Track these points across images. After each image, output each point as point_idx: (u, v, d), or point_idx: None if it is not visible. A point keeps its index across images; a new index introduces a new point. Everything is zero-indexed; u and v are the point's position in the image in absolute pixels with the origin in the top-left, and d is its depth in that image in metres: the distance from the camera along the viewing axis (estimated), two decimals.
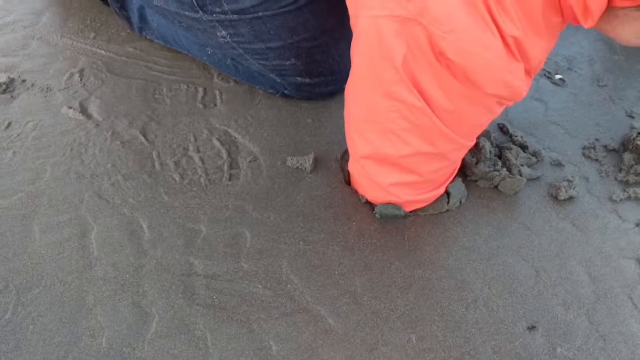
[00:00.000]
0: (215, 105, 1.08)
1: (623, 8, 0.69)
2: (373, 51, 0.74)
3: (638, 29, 0.70)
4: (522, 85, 0.74)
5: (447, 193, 0.95)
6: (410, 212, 0.94)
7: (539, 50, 0.72)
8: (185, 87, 1.10)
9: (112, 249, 0.88)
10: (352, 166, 0.94)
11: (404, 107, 0.76)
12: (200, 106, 1.08)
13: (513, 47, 0.70)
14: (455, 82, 0.73)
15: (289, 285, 0.86)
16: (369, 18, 0.72)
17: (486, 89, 0.73)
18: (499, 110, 0.80)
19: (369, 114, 0.81)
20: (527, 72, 0.75)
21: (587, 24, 0.69)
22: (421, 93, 0.75)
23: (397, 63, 0.72)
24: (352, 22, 0.78)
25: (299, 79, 1.03)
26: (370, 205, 0.95)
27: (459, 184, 0.96)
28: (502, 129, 1.06)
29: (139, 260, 0.87)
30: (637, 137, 1.04)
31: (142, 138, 1.02)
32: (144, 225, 0.91)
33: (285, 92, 1.07)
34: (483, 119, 0.81)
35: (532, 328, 0.83)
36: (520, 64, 0.72)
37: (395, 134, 0.80)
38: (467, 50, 0.68)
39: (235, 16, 0.93)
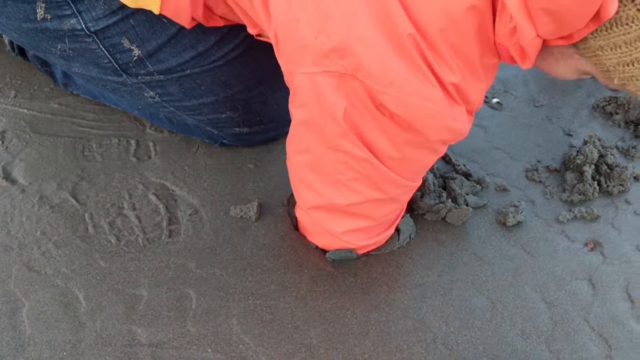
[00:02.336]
0: (149, 157, 1.03)
1: (557, 46, 0.69)
2: (312, 107, 0.72)
3: (572, 65, 0.72)
4: (464, 126, 0.74)
5: (397, 230, 0.93)
6: (363, 254, 0.92)
7: (479, 91, 0.73)
8: (117, 140, 1.05)
9: (47, 326, 0.82)
10: (300, 216, 0.92)
11: (351, 158, 0.75)
12: (134, 160, 1.03)
13: (454, 93, 0.70)
14: (399, 131, 0.72)
15: (240, 346, 0.81)
16: (304, 74, 0.70)
17: (430, 137, 0.73)
18: (443, 149, 0.80)
19: (315, 165, 0.79)
20: (469, 112, 0.75)
21: (525, 65, 0.70)
22: (366, 144, 0.74)
23: (339, 117, 0.71)
24: (286, 78, 0.76)
25: (237, 129, 1.00)
26: (321, 249, 0.92)
27: (408, 219, 0.95)
28: (445, 158, 1.06)
29: (76, 335, 0.81)
30: (577, 155, 1.05)
31: (73, 200, 0.96)
32: (80, 296, 0.85)
33: (224, 141, 1.04)
34: (429, 159, 0.81)
35: None
36: (461, 106, 0.72)
37: (343, 184, 0.79)
38: (407, 102, 0.68)
39: (161, 76, 0.90)
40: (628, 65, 0.65)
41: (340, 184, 0.79)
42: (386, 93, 0.67)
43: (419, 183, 0.86)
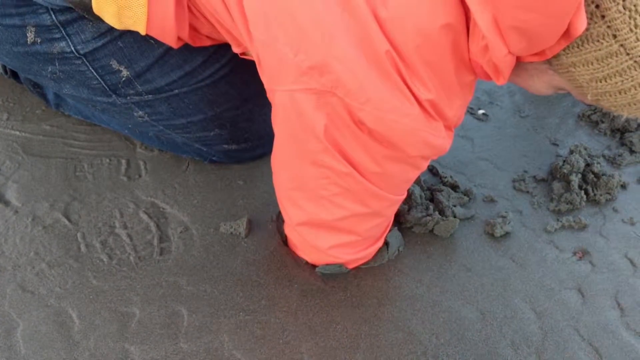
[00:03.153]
0: (140, 176, 1.04)
1: (531, 62, 0.71)
2: (293, 124, 0.74)
3: (547, 80, 0.73)
4: (443, 142, 0.75)
5: (385, 243, 0.94)
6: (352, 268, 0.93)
7: (456, 108, 0.74)
8: (108, 160, 1.06)
9: (41, 345, 0.82)
10: (288, 232, 0.93)
11: (333, 173, 0.76)
12: (125, 179, 1.04)
13: (430, 109, 0.71)
14: (378, 147, 0.73)
15: None
16: (285, 92, 0.72)
17: (409, 152, 0.74)
18: (425, 164, 0.81)
19: (298, 182, 0.80)
20: (448, 128, 0.76)
21: (499, 82, 0.71)
22: (347, 159, 0.75)
23: (319, 134, 0.72)
24: (269, 96, 0.77)
25: (225, 146, 1.02)
26: (311, 264, 0.93)
27: (396, 232, 0.95)
28: (432, 170, 1.07)
29: (70, 354, 0.81)
30: (563, 165, 1.06)
31: (65, 220, 0.97)
32: (74, 315, 0.86)
33: (213, 158, 1.05)
34: (411, 174, 0.82)
35: None
36: (439, 122, 0.73)
37: (327, 200, 0.80)
38: (385, 119, 0.69)
39: (150, 96, 0.91)
40: (600, 82, 0.66)
41: (324, 199, 0.80)
42: (364, 110, 0.68)
43: (403, 196, 0.87)
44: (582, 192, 1.03)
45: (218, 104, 0.95)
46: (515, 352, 0.84)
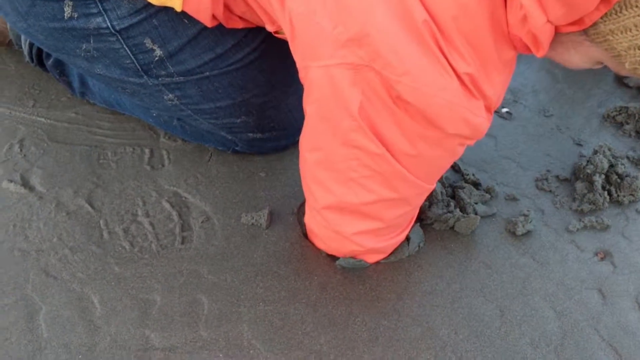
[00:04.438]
0: (163, 166, 1.05)
1: (567, 34, 0.69)
2: (328, 101, 0.73)
3: (583, 52, 0.71)
4: (483, 122, 0.73)
5: (406, 238, 0.94)
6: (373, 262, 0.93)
7: (496, 85, 0.72)
8: (131, 149, 1.07)
9: (63, 329, 0.83)
10: (310, 219, 0.92)
11: (364, 154, 0.75)
12: (148, 168, 1.05)
13: (469, 84, 0.69)
14: (415, 125, 0.72)
15: (251, 351, 0.82)
16: (320, 68, 0.71)
17: (447, 129, 0.72)
18: (461, 151, 0.79)
19: (328, 163, 0.79)
20: (487, 108, 0.74)
21: (539, 54, 0.70)
22: (380, 139, 0.74)
23: (354, 111, 0.71)
24: (301, 74, 0.77)
25: (250, 134, 1.02)
26: (331, 256, 0.93)
27: (417, 228, 0.95)
28: (454, 167, 1.07)
29: (92, 339, 0.83)
30: (587, 165, 1.05)
31: (89, 207, 0.98)
32: (95, 300, 0.87)
33: (237, 148, 1.05)
34: (445, 161, 0.81)
35: None
36: (479, 101, 0.72)
37: (356, 182, 0.79)
38: (424, 92, 0.68)
39: (181, 78, 0.91)
40: (639, 49, 0.64)
41: (353, 181, 0.79)
42: (402, 82, 0.67)
43: (433, 186, 0.86)
44: (605, 192, 1.02)
45: (246, 90, 0.95)
46: (534, 350, 0.84)
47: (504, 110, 1.19)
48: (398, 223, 0.88)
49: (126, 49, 0.87)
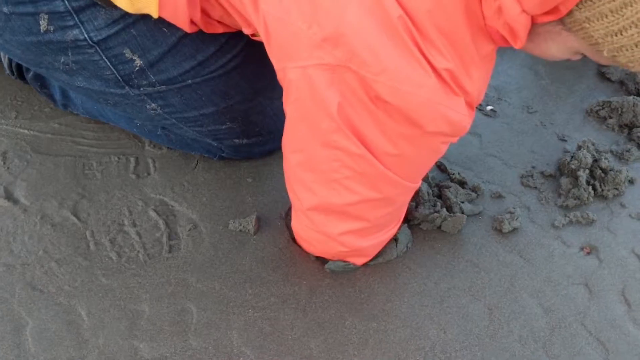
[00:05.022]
0: (148, 174, 1.05)
1: (544, 24, 0.69)
2: (306, 102, 0.72)
3: (561, 42, 0.71)
4: (463, 118, 0.73)
5: (395, 239, 0.94)
6: (361, 265, 0.93)
7: (476, 80, 0.72)
8: (116, 158, 1.07)
9: (50, 343, 0.83)
10: (296, 222, 0.92)
11: (345, 155, 0.75)
12: (133, 177, 1.04)
13: (449, 80, 0.69)
14: (395, 124, 0.71)
15: (241, 358, 0.82)
16: (297, 69, 0.70)
17: (427, 128, 0.72)
18: (444, 149, 0.79)
19: (310, 164, 0.79)
20: (469, 104, 0.74)
21: (517, 45, 0.70)
22: (361, 140, 0.73)
23: (332, 112, 0.71)
24: (279, 75, 0.76)
25: (236, 141, 1.02)
26: (320, 260, 0.93)
27: (405, 229, 0.96)
28: (440, 167, 1.07)
29: (80, 352, 0.82)
30: (571, 160, 1.06)
31: (74, 218, 0.97)
32: (83, 313, 0.86)
33: (223, 154, 1.05)
34: (428, 160, 0.81)
35: None
36: (459, 98, 0.71)
37: (339, 183, 0.78)
38: (402, 91, 0.67)
39: (163, 87, 0.91)
40: (616, 35, 0.63)
41: (336, 182, 0.78)
42: (379, 82, 0.67)
43: (417, 185, 0.86)
44: (590, 187, 1.03)
45: (230, 96, 0.95)
46: (523, 346, 0.85)
47: (488, 108, 1.20)
48: (384, 222, 0.87)
49: (105, 60, 0.86)
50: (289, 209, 1.00)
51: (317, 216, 0.84)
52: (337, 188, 0.79)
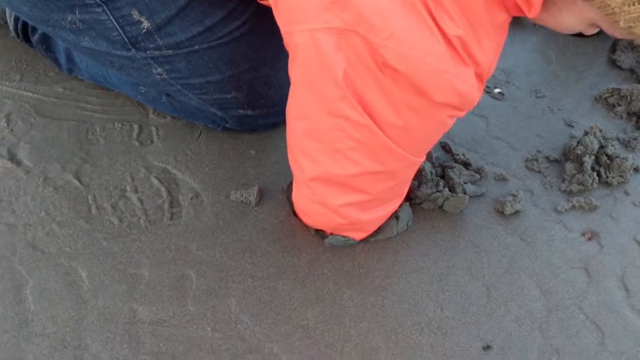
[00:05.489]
0: (152, 142, 1.05)
1: None
2: (312, 67, 0.71)
3: (577, 13, 0.69)
4: (472, 90, 0.71)
5: (395, 217, 0.94)
6: (361, 240, 0.93)
7: (488, 51, 0.70)
8: (120, 125, 1.07)
9: (50, 303, 0.83)
10: (297, 192, 0.91)
11: (349, 124, 0.73)
12: (136, 144, 1.04)
13: (459, 49, 0.67)
14: (401, 94, 0.70)
15: (239, 325, 0.83)
16: (304, 32, 0.69)
17: (434, 98, 0.70)
18: (450, 123, 0.77)
19: (314, 133, 0.77)
20: (479, 76, 0.72)
21: (531, 14, 0.68)
22: (366, 109, 0.72)
23: (338, 78, 0.69)
24: (285, 40, 0.75)
25: (240, 111, 1.01)
26: (320, 234, 0.93)
27: (406, 207, 0.95)
28: (445, 147, 1.06)
29: (79, 312, 0.83)
30: (577, 146, 1.05)
31: (77, 182, 0.98)
32: (83, 275, 0.87)
33: (227, 125, 1.05)
34: (434, 133, 0.79)
35: (487, 348, 0.83)
36: (469, 68, 0.70)
37: (342, 154, 0.77)
38: (410, 57, 0.66)
39: (170, 51, 0.90)
40: (634, 4, 0.61)
41: (339, 153, 0.77)
42: (387, 46, 0.66)
43: (422, 159, 0.84)
44: (595, 173, 1.03)
45: (236, 64, 0.94)
46: (519, 327, 0.85)
47: (496, 90, 1.19)
48: (386, 196, 0.86)
49: (113, 20, 0.86)
50: (291, 183, 0.99)
51: (319, 187, 0.83)
52: (340, 159, 0.78)
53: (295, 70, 0.74)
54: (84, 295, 0.85)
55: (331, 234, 0.92)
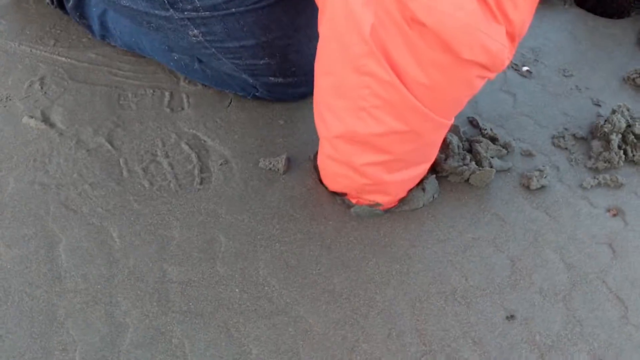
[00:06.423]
0: (182, 109, 1.06)
1: None
2: (340, 22, 0.70)
3: None
4: (502, 49, 0.69)
5: (422, 189, 0.95)
6: (387, 210, 0.94)
7: (522, 8, 0.68)
8: (151, 91, 1.08)
9: (82, 260, 0.85)
10: (321, 152, 0.90)
11: (375, 82, 0.72)
12: (168, 110, 1.05)
13: (492, 4, 0.65)
14: (429, 51, 0.68)
15: (266, 288, 0.84)
16: None
17: (462, 54, 0.68)
18: (479, 84, 0.75)
19: (340, 90, 0.77)
20: (510, 36, 0.70)
21: None
22: (393, 66, 0.71)
23: (365, 33, 0.68)
24: None
25: (272, 78, 1.02)
26: (346, 204, 0.95)
27: (432, 179, 0.96)
28: (472, 122, 1.07)
29: (110, 270, 0.85)
30: (604, 124, 1.05)
31: (109, 145, 0.99)
32: (114, 235, 0.89)
33: (257, 94, 1.06)
34: (462, 94, 0.77)
35: (510, 317, 0.84)
36: (501, 26, 0.67)
37: (366, 112, 0.76)
38: (439, 10, 0.64)
39: (207, 13, 0.91)
40: None
41: (364, 111, 0.76)
42: (416, 0, 0.64)
43: (449, 122, 0.82)
44: (621, 152, 1.02)
45: (270, 30, 0.94)
46: (543, 298, 0.86)
47: (524, 68, 1.19)
48: (410, 159, 0.85)
49: None
50: (317, 152, 1.01)
51: (342, 145, 0.82)
52: (364, 117, 0.77)
53: (324, 25, 0.74)
54: (115, 255, 0.86)
55: (357, 202, 0.94)
